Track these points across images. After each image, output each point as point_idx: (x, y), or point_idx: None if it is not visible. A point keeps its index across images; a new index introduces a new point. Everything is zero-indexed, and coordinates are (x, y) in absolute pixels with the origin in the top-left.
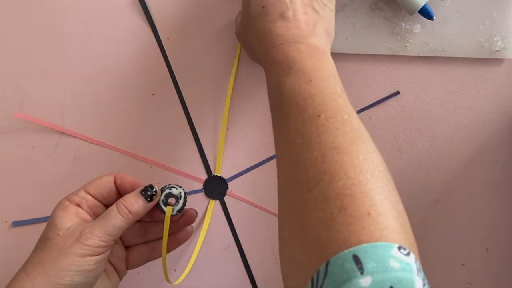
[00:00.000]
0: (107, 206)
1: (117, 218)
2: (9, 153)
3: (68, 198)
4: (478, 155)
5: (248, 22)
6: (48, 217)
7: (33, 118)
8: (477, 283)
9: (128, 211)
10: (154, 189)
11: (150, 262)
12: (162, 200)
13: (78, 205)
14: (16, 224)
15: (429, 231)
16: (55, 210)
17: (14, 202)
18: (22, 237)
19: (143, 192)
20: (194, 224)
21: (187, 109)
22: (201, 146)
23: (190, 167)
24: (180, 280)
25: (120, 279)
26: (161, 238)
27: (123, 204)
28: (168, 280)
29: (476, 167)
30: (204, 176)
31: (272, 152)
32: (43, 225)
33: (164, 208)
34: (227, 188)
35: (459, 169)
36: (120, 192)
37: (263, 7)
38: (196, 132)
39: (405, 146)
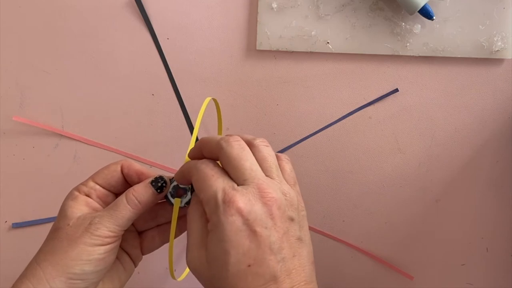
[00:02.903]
0: (116, 194)
1: (126, 209)
2: (9, 153)
3: (77, 189)
4: (478, 155)
5: (224, 279)
6: (48, 218)
7: (32, 121)
8: (477, 283)
9: (138, 201)
10: (164, 180)
11: (150, 262)
12: (170, 192)
13: (87, 195)
14: (16, 225)
15: (429, 232)
16: (65, 200)
17: (14, 202)
18: (22, 238)
19: (153, 183)
20: None
21: (186, 109)
22: None
23: None
24: (183, 276)
25: (136, 265)
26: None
27: (132, 194)
28: (173, 276)
29: (476, 167)
30: None
31: None
32: (43, 226)
33: (172, 200)
34: None
35: (459, 169)
36: (127, 181)
37: (249, 265)
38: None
39: (405, 146)
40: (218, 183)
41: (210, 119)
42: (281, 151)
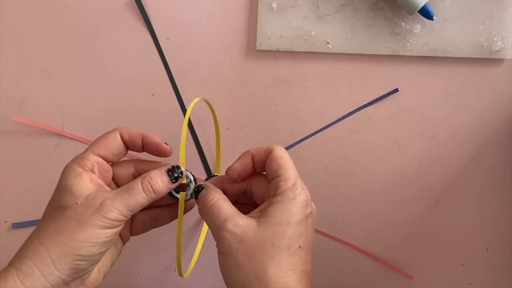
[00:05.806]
0: (113, 166)
1: (140, 195)
2: (9, 153)
3: (79, 164)
4: (478, 155)
5: (277, 246)
6: None
7: (32, 121)
8: (477, 283)
9: (153, 190)
10: (181, 170)
11: (151, 262)
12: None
13: (91, 171)
14: (16, 225)
15: (429, 231)
16: (67, 177)
17: (14, 202)
18: (22, 238)
19: (169, 172)
20: (195, 223)
21: (186, 109)
22: (200, 146)
23: (189, 167)
24: (188, 273)
25: (124, 244)
26: (164, 206)
27: (148, 182)
28: (180, 273)
29: (476, 167)
30: (204, 176)
31: None
32: None
33: (176, 195)
34: None
35: (459, 169)
36: (128, 147)
37: (299, 247)
38: (195, 132)
39: (405, 146)
40: (295, 172)
41: (208, 120)
42: None
